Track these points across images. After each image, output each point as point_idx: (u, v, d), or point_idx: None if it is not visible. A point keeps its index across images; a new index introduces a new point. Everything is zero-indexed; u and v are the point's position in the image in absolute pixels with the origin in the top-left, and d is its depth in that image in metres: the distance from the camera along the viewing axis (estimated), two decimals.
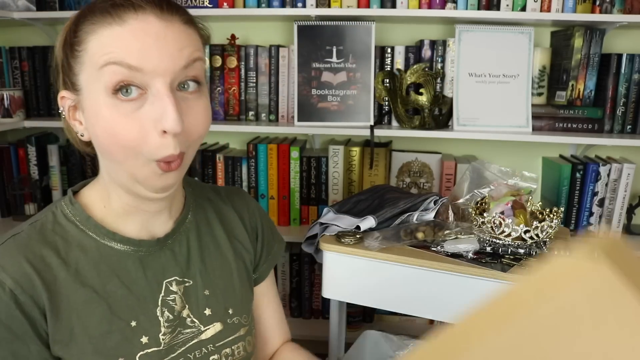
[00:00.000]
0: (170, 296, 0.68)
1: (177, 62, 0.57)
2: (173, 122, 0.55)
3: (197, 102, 0.60)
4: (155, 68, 0.55)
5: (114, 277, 0.64)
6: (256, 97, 1.62)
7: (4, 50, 1.66)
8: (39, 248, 0.61)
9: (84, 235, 0.64)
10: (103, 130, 0.57)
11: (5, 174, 1.69)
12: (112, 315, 0.63)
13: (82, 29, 0.57)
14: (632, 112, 1.51)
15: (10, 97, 1.58)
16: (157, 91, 0.56)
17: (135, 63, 0.55)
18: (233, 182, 1.64)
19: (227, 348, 0.72)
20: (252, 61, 1.59)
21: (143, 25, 0.55)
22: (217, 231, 0.76)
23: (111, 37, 0.55)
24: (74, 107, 0.61)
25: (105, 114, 0.56)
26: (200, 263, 0.71)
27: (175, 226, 0.70)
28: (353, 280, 1.08)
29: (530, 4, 1.44)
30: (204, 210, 0.76)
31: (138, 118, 0.56)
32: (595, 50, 1.49)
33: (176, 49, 0.57)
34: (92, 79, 0.57)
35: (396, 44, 1.59)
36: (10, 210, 1.71)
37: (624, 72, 1.49)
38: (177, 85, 0.58)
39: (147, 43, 0.55)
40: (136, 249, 0.66)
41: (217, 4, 1.50)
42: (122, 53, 0.55)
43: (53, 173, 1.70)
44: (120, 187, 0.63)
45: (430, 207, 1.15)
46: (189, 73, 0.58)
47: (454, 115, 1.52)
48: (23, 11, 1.54)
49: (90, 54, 0.56)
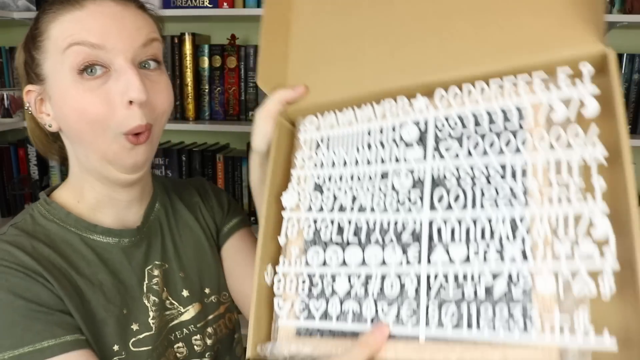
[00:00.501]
0: (154, 280, 0.69)
1: (136, 40, 0.60)
2: (138, 91, 0.58)
3: (159, 78, 0.63)
4: (116, 45, 0.58)
5: (102, 266, 0.65)
6: (256, 97, 1.62)
7: (4, 50, 1.66)
8: (28, 241, 0.62)
9: (66, 231, 0.65)
10: (71, 109, 0.59)
11: (5, 174, 1.69)
12: (108, 303, 0.64)
13: (42, 20, 0.61)
14: (632, 112, 1.51)
15: (10, 97, 1.58)
16: (119, 66, 0.59)
17: (96, 41, 0.58)
18: (233, 182, 1.64)
19: (208, 327, 0.74)
20: (252, 61, 1.59)
21: (101, 8, 0.59)
22: (185, 215, 0.78)
23: (72, 21, 0.59)
24: (40, 100, 0.63)
25: (72, 93, 0.59)
26: (172, 247, 0.74)
27: (145, 215, 0.72)
28: None
29: None
30: (170, 197, 0.78)
31: (104, 92, 0.59)
32: None
33: (134, 28, 0.60)
34: (57, 63, 0.59)
35: None
36: (10, 210, 1.71)
37: (624, 72, 1.49)
38: (138, 63, 0.61)
39: (107, 23, 0.59)
40: (118, 240, 0.67)
41: (217, 4, 1.50)
42: (84, 33, 0.58)
43: (53, 173, 1.70)
44: (92, 174, 0.65)
45: None
46: (148, 52, 0.62)
47: None
48: (23, 11, 1.54)
49: (53, 40, 0.59)
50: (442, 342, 0.47)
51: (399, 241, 0.52)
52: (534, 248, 0.45)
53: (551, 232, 0.45)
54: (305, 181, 0.60)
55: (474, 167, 0.51)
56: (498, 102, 0.51)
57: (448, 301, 0.48)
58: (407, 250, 0.51)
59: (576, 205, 0.45)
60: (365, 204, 0.56)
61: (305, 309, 0.55)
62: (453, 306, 0.48)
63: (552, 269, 0.44)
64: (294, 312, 0.55)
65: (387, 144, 0.57)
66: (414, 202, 0.53)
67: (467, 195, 0.50)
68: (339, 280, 0.54)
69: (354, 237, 0.55)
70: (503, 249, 0.47)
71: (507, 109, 0.51)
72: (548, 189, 0.46)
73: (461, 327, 0.46)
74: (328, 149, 0.61)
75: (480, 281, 0.47)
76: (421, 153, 0.54)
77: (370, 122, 0.59)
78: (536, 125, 0.49)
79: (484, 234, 0.48)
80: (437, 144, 0.54)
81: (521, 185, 0.48)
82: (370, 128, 0.58)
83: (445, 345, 0.47)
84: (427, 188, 0.52)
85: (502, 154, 0.50)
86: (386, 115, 0.58)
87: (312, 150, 0.62)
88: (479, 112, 0.52)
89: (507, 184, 0.48)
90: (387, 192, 0.55)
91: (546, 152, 0.47)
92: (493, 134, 0.51)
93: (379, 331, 0.50)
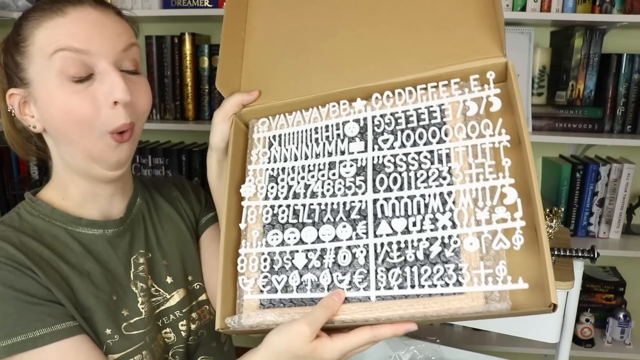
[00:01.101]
0: (140, 268, 0.72)
1: (117, 45, 0.64)
2: (123, 92, 0.62)
3: (138, 80, 0.67)
4: (99, 49, 0.62)
5: (89, 257, 0.68)
6: None
7: None
8: (16, 236, 0.64)
9: (52, 226, 0.68)
10: (58, 110, 0.62)
11: (5, 174, 1.69)
12: (97, 290, 0.66)
13: (25, 26, 0.63)
14: (632, 112, 1.51)
15: None
16: (103, 70, 0.63)
17: (81, 46, 0.61)
18: None
19: (192, 313, 0.77)
20: None
21: (83, 15, 0.63)
22: (166, 207, 0.81)
23: (56, 27, 0.62)
24: (23, 102, 0.65)
25: (59, 95, 0.62)
26: (155, 237, 0.77)
27: (128, 207, 0.75)
28: None
29: (530, 4, 1.44)
30: (150, 192, 0.82)
31: (90, 94, 0.62)
32: (595, 50, 1.49)
33: (115, 34, 0.64)
34: (43, 68, 0.62)
35: None
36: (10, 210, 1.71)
37: (624, 72, 1.49)
38: (119, 67, 0.64)
39: (89, 29, 0.62)
40: (102, 231, 0.70)
41: (217, 4, 1.50)
42: (69, 39, 0.61)
43: None
44: (77, 172, 0.68)
45: None
46: (128, 56, 0.66)
47: None
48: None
49: (38, 46, 0.62)
50: (390, 301, 0.56)
51: (349, 219, 0.61)
52: (460, 216, 0.56)
53: (473, 202, 0.56)
54: (261, 174, 0.69)
55: (408, 155, 0.62)
56: (424, 102, 0.63)
57: (393, 266, 0.57)
58: (356, 226, 0.60)
59: (491, 180, 0.56)
60: (316, 190, 0.64)
61: (268, 284, 0.62)
62: (398, 270, 0.57)
63: (476, 231, 0.55)
64: (257, 287, 0.63)
65: (333, 139, 0.66)
66: (359, 186, 0.62)
67: (404, 177, 0.61)
68: (297, 256, 0.62)
69: (309, 219, 0.63)
70: (436, 219, 0.57)
71: (431, 108, 0.63)
72: (468, 170, 0.58)
73: (405, 287, 0.55)
74: (280, 145, 0.69)
75: (419, 247, 0.57)
76: (362, 145, 0.64)
77: (317, 122, 0.68)
78: (455, 119, 0.61)
79: (419, 208, 0.58)
80: (375, 137, 0.64)
81: (446, 167, 0.59)
82: (317, 126, 0.68)
83: (393, 303, 0.55)
84: (369, 174, 0.62)
85: (429, 144, 0.61)
86: (330, 115, 0.68)
87: (266, 147, 0.70)
88: (409, 110, 0.64)
89: (435, 167, 0.60)
90: (335, 180, 0.64)
91: (464, 140, 0.59)
92: (421, 128, 0.62)
93: (337, 295, 0.57)
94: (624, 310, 1.62)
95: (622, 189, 1.54)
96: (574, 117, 1.51)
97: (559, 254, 0.97)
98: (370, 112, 0.65)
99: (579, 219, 1.57)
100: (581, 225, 1.58)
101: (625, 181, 1.53)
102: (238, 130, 0.72)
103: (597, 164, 1.54)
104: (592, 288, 1.67)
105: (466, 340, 1.67)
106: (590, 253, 0.96)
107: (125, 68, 0.65)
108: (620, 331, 1.62)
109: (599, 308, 1.67)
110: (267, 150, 0.69)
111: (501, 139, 0.57)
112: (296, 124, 0.69)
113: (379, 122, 0.64)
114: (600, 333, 1.66)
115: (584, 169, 1.54)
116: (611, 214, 1.56)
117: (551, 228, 0.99)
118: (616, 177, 1.54)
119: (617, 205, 1.55)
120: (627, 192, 1.54)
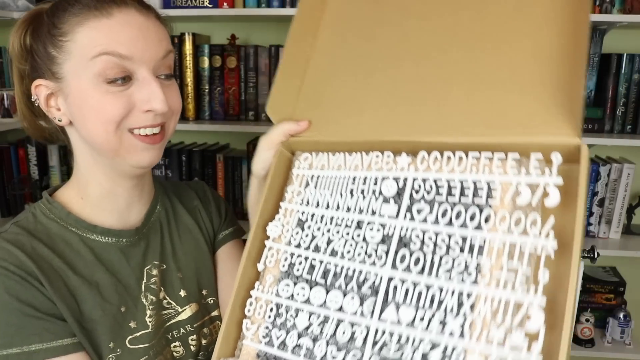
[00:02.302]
0: (152, 280, 0.71)
1: (158, 52, 0.64)
2: (162, 103, 0.62)
3: (172, 85, 0.67)
4: (141, 56, 0.62)
5: (100, 265, 0.67)
6: (256, 97, 1.62)
7: (4, 50, 1.66)
8: (28, 241, 0.63)
9: (66, 231, 0.67)
10: (91, 109, 0.62)
11: (5, 174, 1.69)
12: (104, 301, 0.65)
13: (66, 20, 0.61)
14: (632, 112, 1.51)
15: (10, 97, 1.58)
16: (143, 77, 0.62)
17: (125, 52, 0.60)
18: (233, 182, 1.64)
19: (204, 328, 0.76)
20: (252, 61, 1.59)
21: (128, 18, 0.61)
22: (185, 217, 0.80)
23: (101, 29, 0.60)
24: (50, 94, 0.64)
25: (94, 94, 0.61)
26: (171, 248, 0.76)
27: (147, 215, 0.74)
28: None
29: None
30: (170, 199, 0.80)
31: (126, 96, 0.62)
32: (595, 50, 1.49)
33: (157, 40, 0.64)
34: (81, 67, 0.61)
35: None
36: (10, 210, 1.71)
37: (624, 72, 1.49)
38: (157, 74, 0.65)
39: (134, 34, 0.61)
40: (117, 239, 0.69)
41: (217, 4, 1.50)
42: (113, 43, 0.60)
43: (53, 173, 1.70)
44: (100, 168, 0.67)
45: None
46: (166, 63, 0.65)
47: None
48: (23, 11, 1.54)
49: (80, 45, 0.61)
50: None
51: (359, 291, 0.56)
52: (473, 327, 0.48)
53: (491, 314, 0.48)
54: (291, 215, 0.65)
55: (438, 234, 0.54)
56: (472, 174, 0.55)
57: (388, 358, 0.52)
58: (364, 302, 0.55)
59: (519, 293, 0.47)
60: (337, 248, 0.60)
61: (267, 336, 0.59)
62: None
63: (484, 351, 0.47)
64: (257, 335, 0.60)
65: (368, 194, 0.61)
66: (380, 256, 0.57)
67: (427, 260, 0.53)
68: (301, 316, 0.58)
69: (322, 278, 0.59)
70: (446, 320, 0.50)
71: (479, 183, 0.54)
72: (498, 272, 0.49)
73: None
74: (316, 188, 0.65)
75: (419, 347, 0.50)
76: (395, 210, 0.58)
77: (357, 170, 0.63)
78: (501, 204, 0.52)
79: (432, 301, 0.52)
80: (411, 204, 0.57)
81: (475, 262, 0.51)
82: (356, 176, 0.62)
83: None
84: (393, 246, 0.56)
85: (464, 227, 0.53)
86: (372, 167, 0.62)
87: (302, 186, 0.66)
88: (454, 180, 0.56)
89: (463, 258, 0.52)
90: (358, 242, 0.59)
91: (504, 234, 0.50)
92: (461, 205, 0.54)
93: None
94: (624, 310, 1.63)
95: (622, 189, 1.54)
96: None
97: None
98: (412, 173, 0.58)
99: None
100: None
101: (625, 181, 1.53)
102: (282, 160, 0.68)
103: (597, 164, 1.54)
104: (592, 288, 1.67)
105: None
106: (590, 253, 0.96)
107: (162, 73, 0.65)
108: (620, 331, 1.62)
109: (599, 308, 1.67)
110: (302, 190, 0.65)
111: (546, 245, 0.47)
112: (337, 167, 0.64)
113: (419, 187, 0.57)
114: (600, 333, 1.66)
115: None
116: (611, 214, 1.56)
117: None
118: (616, 177, 1.54)
119: (617, 205, 1.55)
120: (627, 192, 1.54)
